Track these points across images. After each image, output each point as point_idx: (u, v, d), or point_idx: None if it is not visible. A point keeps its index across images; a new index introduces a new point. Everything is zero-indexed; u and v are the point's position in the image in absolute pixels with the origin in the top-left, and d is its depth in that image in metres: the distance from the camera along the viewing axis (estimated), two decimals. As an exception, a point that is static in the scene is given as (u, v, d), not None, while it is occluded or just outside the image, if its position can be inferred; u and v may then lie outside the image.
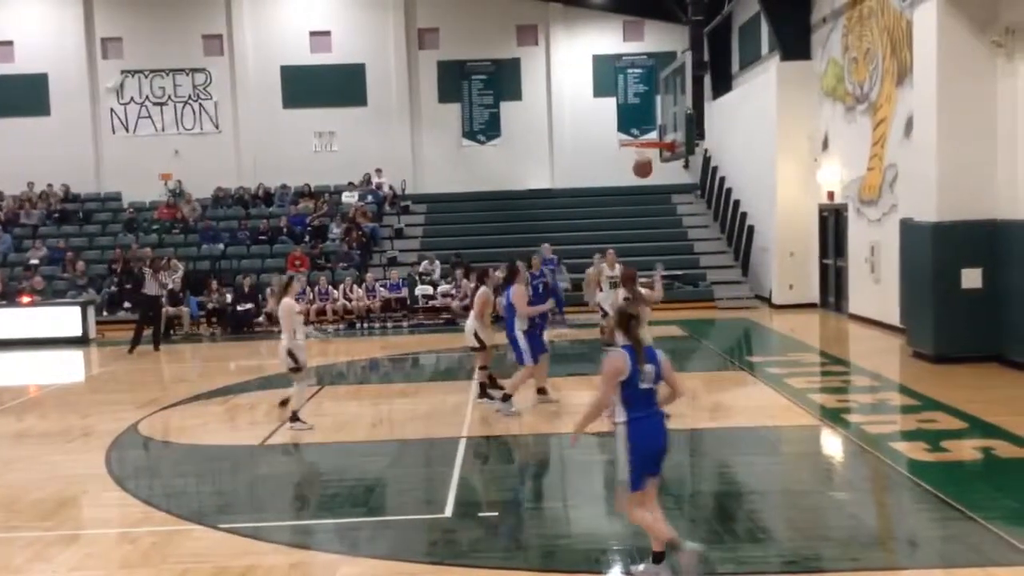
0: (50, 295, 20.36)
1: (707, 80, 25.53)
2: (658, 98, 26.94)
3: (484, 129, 27.64)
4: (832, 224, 19.23)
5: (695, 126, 25.33)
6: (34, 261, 22.34)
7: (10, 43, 26.37)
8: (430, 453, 9.31)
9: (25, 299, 19.73)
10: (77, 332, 18.74)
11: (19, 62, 26.36)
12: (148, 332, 17.54)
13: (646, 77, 27.36)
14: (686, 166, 25.75)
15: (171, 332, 19.22)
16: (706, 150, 26.00)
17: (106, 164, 26.53)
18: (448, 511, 7.22)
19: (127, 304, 20.12)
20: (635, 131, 27.24)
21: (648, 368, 5.41)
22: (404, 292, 20.95)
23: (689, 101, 24.82)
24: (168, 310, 18.97)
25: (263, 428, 10.41)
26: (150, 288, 17.39)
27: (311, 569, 6.15)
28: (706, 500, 7.61)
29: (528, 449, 9.43)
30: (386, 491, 8.16)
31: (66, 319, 18.85)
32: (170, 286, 18.96)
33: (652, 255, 21.90)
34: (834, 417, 10.10)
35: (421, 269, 21.61)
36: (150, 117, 26.89)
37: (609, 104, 27.52)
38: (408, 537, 6.79)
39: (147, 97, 26.91)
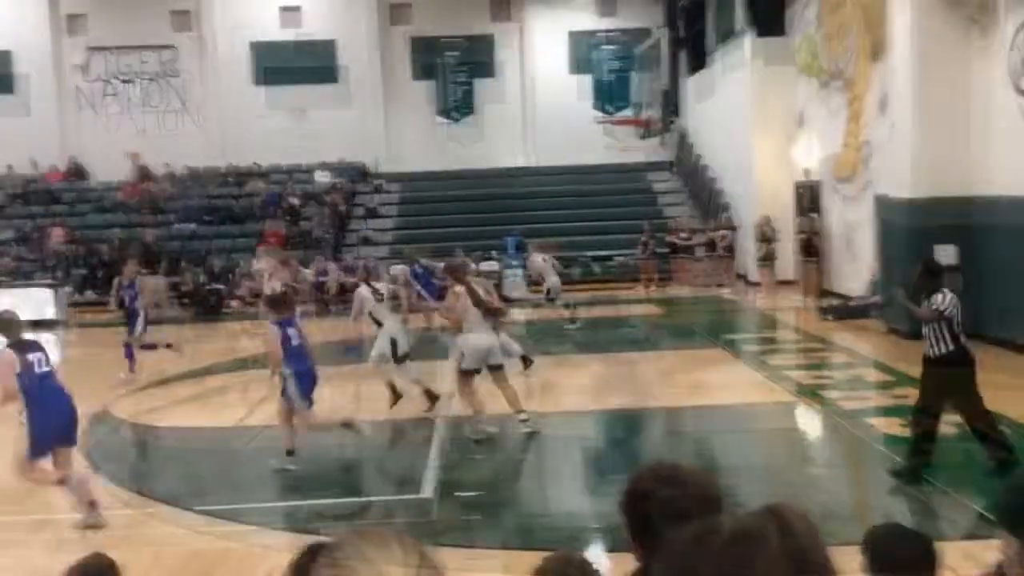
0: (20, 277, 20.02)
1: (682, 56, 25.50)
2: (634, 75, 26.91)
3: (458, 107, 27.43)
4: (808, 201, 19.29)
5: (670, 103, 25.38)
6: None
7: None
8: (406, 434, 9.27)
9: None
10: (50, 315, 18.39)
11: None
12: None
13: (622, 54, 27.26)
14: (662, 143, 25.76)
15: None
16: (681, 127, 25.99)
17: (72, 142, 26.05)
18: (429, 492, 7.18)
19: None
20: (611, 108, 27.16)
21: None
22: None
23: (664, 78, 24.77)
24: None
25: (237, 410, 10.30)
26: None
27: (286, 551, 6.08)
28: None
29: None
30: (370, 471, 8.12)
31: (37, 301, 18.50)
32: None
33: (630, 233, 21.97)
34: (810, 394, 10.16)
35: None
36: (116, 95, 26.44)
37: (585, 81, 27.41)
38: (389, 517, 6.74)
39: (113, 75, 26.44)
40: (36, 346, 6.72)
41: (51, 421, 6.57)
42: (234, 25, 26.31)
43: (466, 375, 8.57)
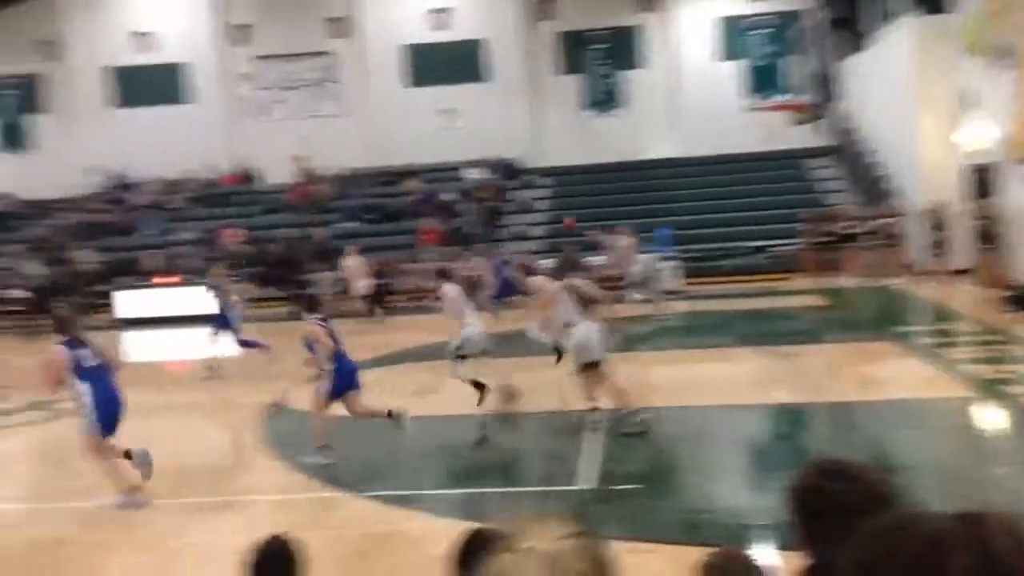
0: (200, 275, 21.37)
1: (837, 38, 24.52)
2: (786, 59, 26.09)
3: (605, 99, 27.37)
4: (982, 185, 18.18)
5: (825, 86, 24.47)
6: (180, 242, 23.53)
7: (151, 34, 27.65)
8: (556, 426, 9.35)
9: (172, 279, 20.80)
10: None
11: (159, 52, 27.63)
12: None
13: (772, 38, 26.47)
14: (818, 129, 24.85)
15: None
16: (838, 111, 24.99)
17: (242, 148, 27.55)
18: (587, 483, 7.24)
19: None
20: (762, 94, 26.43)
21: None
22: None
23: (819, 61, 23.88)
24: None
25: (401, 401, 10.63)
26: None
27: (451, 536, 6.28)
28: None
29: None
30: (528, 462, 8.25)
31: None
32: None
33: (785, 223, 21.35)
34: (991, 388, 9.60)
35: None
36: (281, 101, 27.79)
37: (734, 68, 26.78)
38: (546, 507, 6.85)
39: (278, 82, 27.80)
40: (86, 343, 7.52)
41: (101, 407, 7.35)
42: (386, 30, 27.16)
43: (588, 368, 8.54)
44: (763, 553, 5.27)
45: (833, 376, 10.89)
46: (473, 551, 2.99)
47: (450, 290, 9.94)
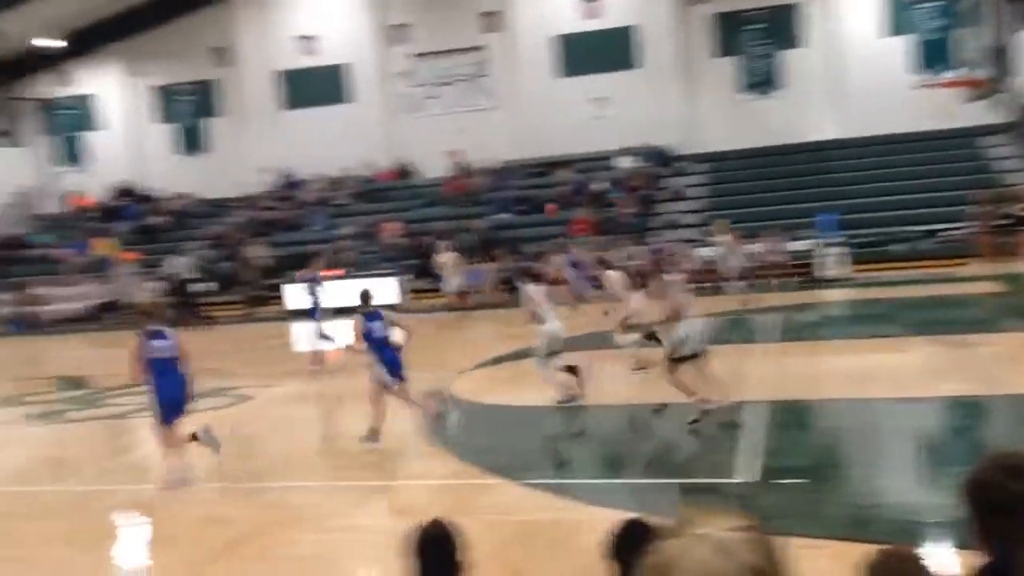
0: (362, 268, 22.20)
1: (1014, 9, 22.81)
2: (958, 32, 24.50)
3: (762, 81, 26.52)
4: None
5: (1002, 60, 22.79)
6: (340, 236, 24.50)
7: (315, 38, 28.86)
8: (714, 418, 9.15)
9: (336, 272, 21.64)
10: (394, 300, 20.20)
11: (322, 55, 28.81)
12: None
13: (943, 10, 24.91)
14: (993, 105, 23.19)
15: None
16: (1016, 86, 23.25)
17: (399, 144, 28.35)
18: (749, 476, 7.07)
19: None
20: (932, 70, 24.91)
21: None
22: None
23: (994, 33, 22.33)
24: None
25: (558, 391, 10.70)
26: None
27: (605, 526, 6.27)
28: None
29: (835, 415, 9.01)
30: (684, 453, 8.15)
31: (384, 288, 20.32)
32: None
33: (958, 205, 20.13)
34: None
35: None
36: (436, 97, 28.43)
37: (901, 43, 25.37)
38: (706, 500, 6.73)
39: (432, 79, 28.45)
40: (162, 335, 8.09)
41: (165, 395, 7.95)
42: (537, 21, 27.28)
43: (679, 362, 8.57)
44: (936, 552, 5.01)
45: (1010, 367, 10.19)
46: (628, 541, 2.99)
47: (533, 289, 10.10)
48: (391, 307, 19.28)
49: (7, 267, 26.78)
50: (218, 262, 24.86)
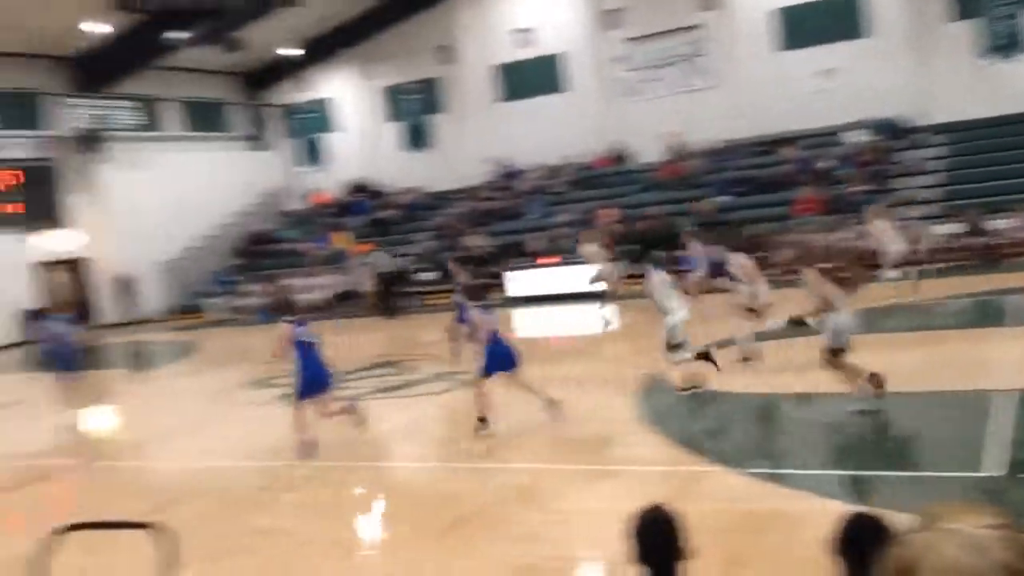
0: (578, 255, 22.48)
1: None
2: None
3: (1008, 43, 24.20)
4: None
5: None
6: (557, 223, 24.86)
7: (531, 30, 29.38)
8: (964, 405, 8.54)
9: (553, 259, 22.05)
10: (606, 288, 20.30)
11: (537, 46, 29.29)
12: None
13: None
14: None
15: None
16: None
17: (615, 130, 28.34)
18: (995, 469, 6.56)
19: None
20: None
21: None
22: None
23: None
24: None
25: (783, 377, 10.39)
26: None
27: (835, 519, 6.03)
28: None
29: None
30: (920, 445, 7.68)
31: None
32: None
33: None
34: None
35: None
36: (652, 80, 28.17)
37: None
38: (946, 495, 6.32)
39: (648, 62, 28.20)
40: (305, 322, 9.27)
41: (309, 377, 8.99)
42: (758, -6, 26.37)
43: (837, 353, 8.45)
44: None
45: None
46: (856, 536, 2.89)
47: (655, 276, 10.10)
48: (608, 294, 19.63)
49: (258, 260, 29.32)
50: (440, 252, 25.97)
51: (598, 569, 5.97)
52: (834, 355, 8.50)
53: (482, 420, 9.19)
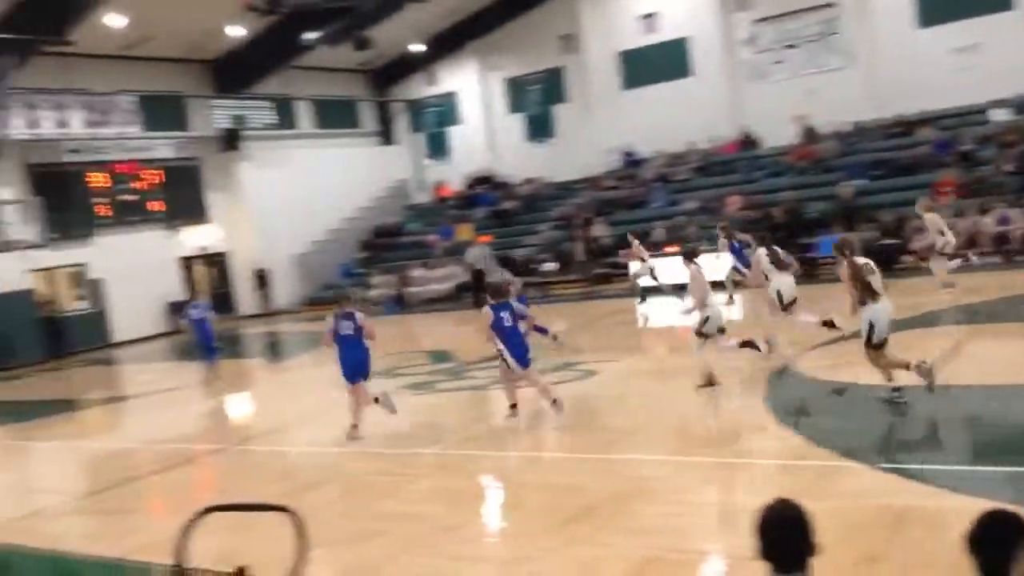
0: (704, 243, 22.05)
1: None
2: None
3: None
4: None
5: None
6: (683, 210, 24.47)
7: (655, 15, 28.95)
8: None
9: (677, 248, 21.66)
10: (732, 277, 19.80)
11: (661, 32, 28.85)
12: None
13: None
14: None
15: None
16: None
17: (742, 114, 27.65)
18: None
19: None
20: None
21: None
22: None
23: None
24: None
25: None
26: None
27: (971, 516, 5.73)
28: None
29: None
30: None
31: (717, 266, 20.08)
32: None
33: None
34: None
35: None
36: (781, 62, 27.34)
37: None
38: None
39: (777, 43, 27.38)
40: (351, 316, 10.03)
41: (348, 364, 9.95)
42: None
43: (878, 347, 8.47)
44: None
45: None
46: (993, 534, 2.76)
47: (696, 269, 10.39)
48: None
49: (387, 252, 30.07)
50: (561, 243, 25.98)
51: (723, 564, 5.86)
52: (874, 349, 8.49)
53: (513, 407, 9.98)
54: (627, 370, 12.77)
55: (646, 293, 19.42)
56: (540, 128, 31.69)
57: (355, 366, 10.02)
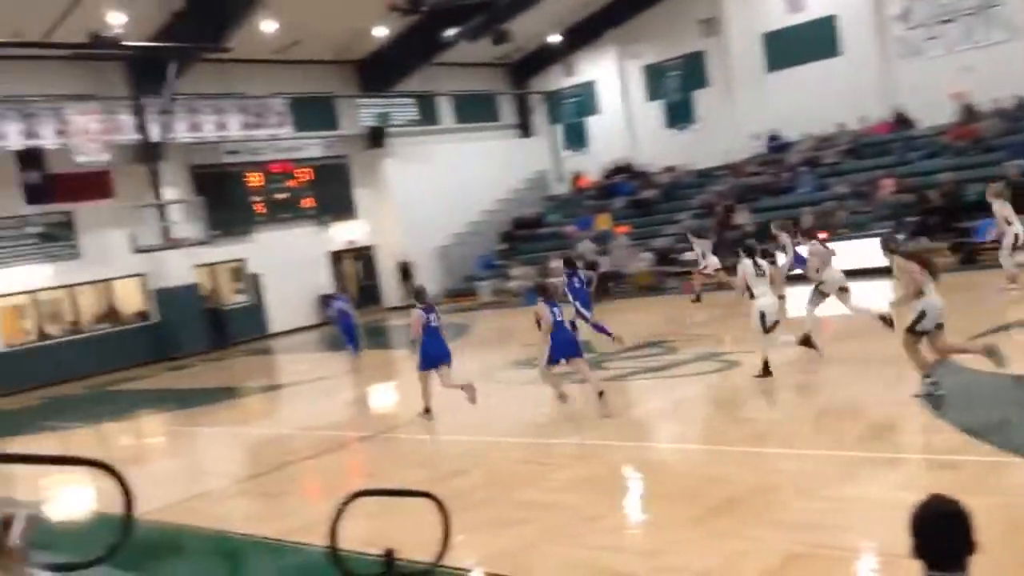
0: (855, 229, 21.19)
1: None
2: None
3: None
4: None
5: None
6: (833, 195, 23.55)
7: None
8: None
9: (822, 235, 20.86)
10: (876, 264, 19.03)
11: (807, 11, 27.79)
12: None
13: None
14: None
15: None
16: None
17: (895, 92, 26.37)
18: None
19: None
20: None
21: None
22: None
23: None
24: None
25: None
26: None
27: None
28: None
29: None
30: None
31: (866, 251, 19.33)
32: None
33: None
34: None
35: None
36: (936, 37, 25.88)
37: None
38: None
39: (932, 17, 25.93)
40: (432, 310, 11.26)
41: (431, 353, 11.04)
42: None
43: (918, 336, 8.55)
44: None
45: None
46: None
47: (745, 264, 10.62)
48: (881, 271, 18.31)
49: (526, 244, 30.32)
50: (703, 231, 25.43)
51: (876, 561, 5.63)
52: (913, 336, 8.57)
53: (561, 398, 10.56)
54: (771, 361, 12.40)
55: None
56: (680, 115, 31.18)
57: (434, 355, 11.14)
